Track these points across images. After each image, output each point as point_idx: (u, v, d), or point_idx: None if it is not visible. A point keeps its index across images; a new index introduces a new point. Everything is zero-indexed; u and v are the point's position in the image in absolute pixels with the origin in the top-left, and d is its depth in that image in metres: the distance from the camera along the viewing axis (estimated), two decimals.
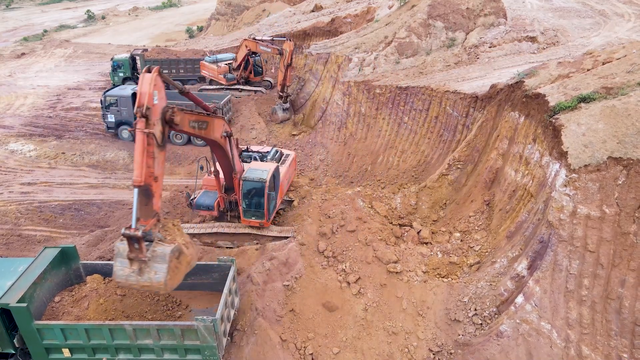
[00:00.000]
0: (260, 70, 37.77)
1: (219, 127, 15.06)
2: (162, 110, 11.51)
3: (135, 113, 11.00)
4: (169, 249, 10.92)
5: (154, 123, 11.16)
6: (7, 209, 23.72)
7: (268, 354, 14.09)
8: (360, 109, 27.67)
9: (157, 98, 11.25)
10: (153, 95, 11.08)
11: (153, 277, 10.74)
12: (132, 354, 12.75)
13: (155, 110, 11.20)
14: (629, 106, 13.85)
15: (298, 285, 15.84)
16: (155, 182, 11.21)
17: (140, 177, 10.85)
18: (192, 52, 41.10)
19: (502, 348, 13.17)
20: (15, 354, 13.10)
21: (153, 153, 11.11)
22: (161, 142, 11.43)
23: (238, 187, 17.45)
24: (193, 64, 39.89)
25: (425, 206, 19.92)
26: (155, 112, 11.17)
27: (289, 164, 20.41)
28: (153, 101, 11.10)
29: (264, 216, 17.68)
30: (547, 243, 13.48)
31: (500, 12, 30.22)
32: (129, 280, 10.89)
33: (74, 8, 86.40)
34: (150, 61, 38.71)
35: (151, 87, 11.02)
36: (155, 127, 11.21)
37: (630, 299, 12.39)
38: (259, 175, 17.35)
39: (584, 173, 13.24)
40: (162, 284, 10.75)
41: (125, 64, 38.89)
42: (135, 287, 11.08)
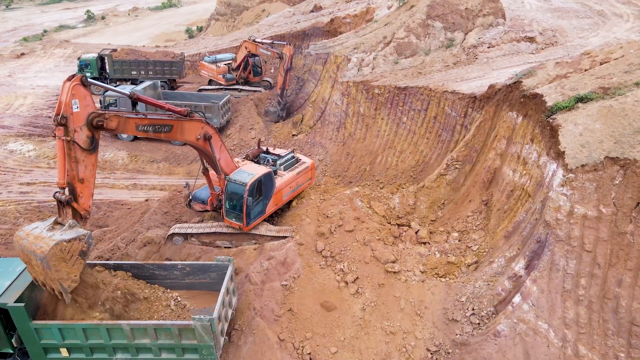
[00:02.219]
0: (259, 70, 37.82)
1: (192, 130, 15.13)
2: (88, 116, 11.98)
3: (53, 120, 11.65)
4: (78, 232, 11.64)
5: (74, 130, 11.75)
6: (6, 209, 23.75)
7: (266, 353, 14.11)
8: (359, 109, 27.70)
9: (79, 106, 11.78)
10: (71, 104, 11.61)
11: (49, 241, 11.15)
12: (130, 354, 12.77)
13: (76, 118, 11.76)
14: (626, 106, 13.88)
15: (296, 284, 15.86)
16: (80, 184, 12.02)
17: (62, 180, 11.83)
18: (162, 54, 40.54)
19: (500, 347, 13.19)
20: (13, 353, 13.13)
21: (76, 158, 11.85)
22: (88, 146, 12.08)
23: (223, 186, 17.50)
24: (162, 65, 39.18)
25: (424, 206, 19.94)
26: (75, 120, 11.75)
27: (297, 172, 19.68)
28: (71, 109, 11.63)
29: (242, 220, 17.37)
30: (544, 243, 13.51)
31: (499, 13, 30.25)
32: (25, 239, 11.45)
33: (73, 8, 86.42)
34: (119, 62, 38.61)
35: (68, 96, 11.56)
36: (78, 134, 11.84)
37: (627, 299, 12.41)
38: (242, 178, 17.12)
39: (581, 173, 13.26)
40: (46, 250, 11.04)
41: (92, 64, 38.83)
42: (24, 248, 11.42)
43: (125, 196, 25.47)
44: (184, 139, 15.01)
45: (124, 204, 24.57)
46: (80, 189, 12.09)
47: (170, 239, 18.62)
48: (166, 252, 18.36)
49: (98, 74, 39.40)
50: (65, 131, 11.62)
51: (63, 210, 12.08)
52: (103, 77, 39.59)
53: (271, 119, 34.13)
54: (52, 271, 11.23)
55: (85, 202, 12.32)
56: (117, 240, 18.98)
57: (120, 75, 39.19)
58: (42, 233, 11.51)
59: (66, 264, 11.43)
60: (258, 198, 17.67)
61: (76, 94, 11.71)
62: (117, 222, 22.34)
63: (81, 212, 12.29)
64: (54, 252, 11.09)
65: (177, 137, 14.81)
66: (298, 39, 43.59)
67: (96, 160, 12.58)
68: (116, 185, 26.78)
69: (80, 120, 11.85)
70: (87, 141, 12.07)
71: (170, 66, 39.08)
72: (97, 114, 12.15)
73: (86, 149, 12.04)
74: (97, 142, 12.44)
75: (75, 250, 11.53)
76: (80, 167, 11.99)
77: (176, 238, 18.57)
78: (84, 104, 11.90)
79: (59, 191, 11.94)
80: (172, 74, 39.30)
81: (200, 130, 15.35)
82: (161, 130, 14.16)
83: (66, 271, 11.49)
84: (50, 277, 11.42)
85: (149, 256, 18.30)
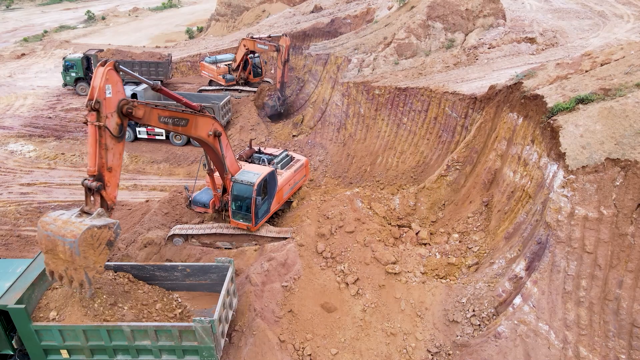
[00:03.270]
0: (259, 71, 37.76)
1: (204, 126, 15.19)
2: (118, 103, 11.88)
3: (86, 106, 11.45)
4: (107, 220, 11.37)
5: (106, 116, 11.59)
6: (7, 210, 23.74)
7: (266, 354, 14.10)
8: (359, 110, 27.70)
9: (110, 92, 11.63)
10: (105, 89, 11.47)
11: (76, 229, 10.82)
12: (131, 355, 12.77)
13: (108, 104, 11.62)
14: (626, 107, 13.87)
15: (297, 286, 15.86)
16: (108, 172, 11.84)
17: (93, 167, 11.61)
18: (148, 55, 40.31)
19: (500, 349, 13.18)
20: (13, 355, 13.12)
21: (106, 145, 11.66)
22: (117, 133, 11.93)
23: (229, 187, 17.50)
24: (149, 66, 38.93)
25: (424, 207, 19.94)
26: (107, 105, 11.60)
27: (294, 170, 20.01)
28: (105, 94, 11.48)
29: (251, 220, 17.52)
30: (544, 244, 13.50)
31: (499, 13, 30.25)
32: (52, 225, 11.03)
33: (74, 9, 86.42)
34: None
35: (102, 81, 11.40)
36: (109, 120, 11.68)
37: (628, 300, 12.41)
38: (248, 179, 17.24)
39: (581, 174, 13.25)
40: (78, 234, 10.71)
41: (77, 64, 38.66)
42: (52, 233, 10.95)
43: (125, 197, 25.46)
44: (197, 134, 15.04)
45: (125, 204, 24.56)
46: (108, 178, 11.91)
47: (170, 240, 18.63)
48: (167, 253, 18.37)
49: (84, 75, 39.18)
50: (97, 116, 11.45)
51: (91, 198, 11.89)
52: (89, 77, 39.44)
53: (269, 112, 33.92)
54: (81, 257, 10.85)
55: (112, 191, 12.16)
56: (117, 241, 18.96)
57: None
58: (71, 218, 11.23)
59: (94, 252, 11.09)
60: (264, 197, 17.82)
61: (110, 79, 11.57)
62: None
63: (108, 201, 12.10)
64: (85, 236, 10.75)
65: (192, 132, 14.82)
66: (298, 39, 43.58)
67: (123, 149, 12.40)
68: None
69: (111, 106, 11.72)
70: (116, 128, 11.92)
71: (156, 67, 38.77)
72: (127, 101, 12.08)
73: (116, 136, 11.89)
74: (125, 131, 12.33)
75: (104, 239, 11.24)
76: (109, 154, 11.82)
77: (176, 239, 18.57)
78: (115, 90, 11.78)
79: (87, 179, 11.73)
80: (158, 75, 38.93)
81: (211, 126, 15.46)
82: (179, 123, 14.20)
83: (93, 259, 11.12)
84: (77, 265, 10.98)
85: (149, 257, 18.30)
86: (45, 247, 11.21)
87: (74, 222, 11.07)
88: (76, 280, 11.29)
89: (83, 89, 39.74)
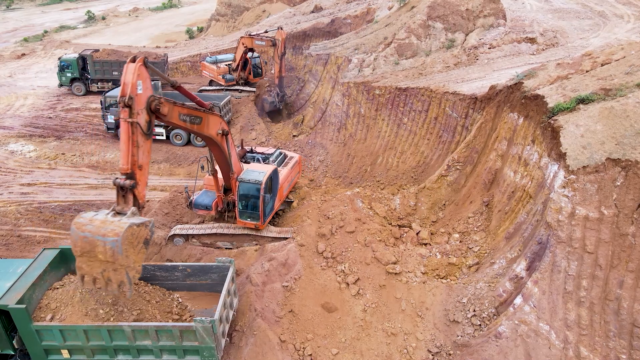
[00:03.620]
0: (259, 71, 37.66)
1: (215, 124, 15.17)
2: (147, 99, 11.73)
3: (119, 102, 11.28)
4: (143, 219, 11.14)
5: (137, 112, 11.41)
6: (7, 210, 23.74)
7: (267, 354, 14.10)
8: (359, 110, 27.70)
9: (141, 88, 11.46)
10: (137, 85, 11.30)
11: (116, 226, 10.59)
12: (131, 355, 12.77)
13: (139, 100, 11.45)
14: (627, 107, 13.87)
15: (297, 286, 15.86)
16: (139, 170, 11.55)
17: (126, 165, 11.28)
18: (145, 55, 40.69)
19: (501, 349, 13.18)
20: (14, 355, 13.13)
21: (137, 142, 11.44)
22: (146, 130, 11.74)
23: (235, 187, 17.48)
24: None
25: (425, 207, 19.94)
26: (138, 102, 11.43)
27: (291, 167, 20.28)
28: (136, 91, 11.31)
29: (259, 218, 17.60)
30: (545, 244, 13.50)
31: (500, 14, 30.25)
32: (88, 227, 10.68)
33: (74, 9, 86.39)
34: (100, 62, 38.52)
35: (134, 77, 11.23)
36: (140, 116, 11.48)
37: (629, 300, 12.41)
38: (255, 177, 17.29)
39: (582, 174, 13.25)
40: (120, 232, 10.46)
41: (73, 64, 38.68)
42: (91, 234, 10.62)
43: None
44: (209, 132, 15.01)
45: None
46: (139, 176, 11.63)
47: (171, 240, 18.63)
48: (167, 253, 18.37)
49: (79, 75, 39.19)
50: (129, 113, 11.29)
51: (124, 197, 11.55)
52: (85, 77, 39.37)
53: (267, 108, 33.80)
54: (123, 257, 10.57)
55: (142, 190, 11.88)
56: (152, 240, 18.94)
57: (101, 75, 39.07)
58: (108, 218, 10.96)
59: (133, 251, 10.83)
60: (270, 195, 18.02)
61: (141, 75, 11.42)
62: None
63: (140, 200, 11.79)
64: (127, 235, 10.49)
65: (204, 130, 14.77)
66: (299, 39, 43.59)
67: (151, 147, 12.21)
68: None
69: (142, 102, 11.57)
70: (145, 125, 11.75)
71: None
72: (155, 98, 11.91)
73: (145, 133, 11.72)
74: (152, 128, 12.21)
75: (142, 237, 11.02)
76: (140, 152, 11.60)
77: (177, 239, 18.58)
78: (145, 86, 11.64)
79: (119, 177, 11.44)
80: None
81: (220, 125, 15.51)
82: (194, 121, 14.09)
83: (133, 259, 10.88)
84: (117, 265, 10.69)
85: (149, 257, 18.30)
86: (80, 250, 10.80)
87: (112, 221, 10.82)
88: (115, 281, 10.94)
89: (79, 89, 39.71)
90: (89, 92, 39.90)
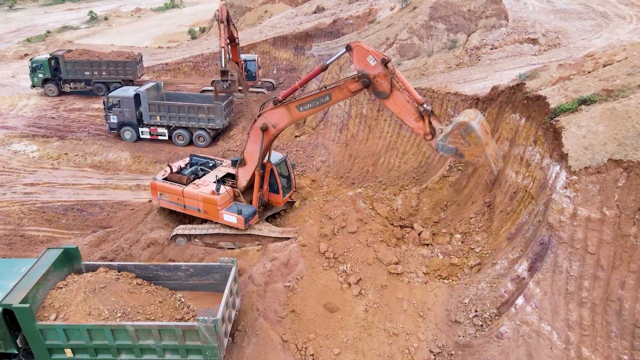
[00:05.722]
0: (253, 75, 37.04)
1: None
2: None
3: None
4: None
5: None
6: (10, 209, 23.84)
7: (269, 354, 14.16)
8: (361, 111, 27.73)
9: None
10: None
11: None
12: (134, 354, 12.83)
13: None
14: (629, 108, 13.88)
15: (299, 286, 15.91)
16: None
17: (420, 99, 14.44)
18: (116, 54, 40.16)
19: (503, 349, 13.21)
20: (18, 354, 13.20)
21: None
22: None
23: (268, 172, 18.49)
24: (115, 66, 38.74)
25: (426, 207, 19.96)
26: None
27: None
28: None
29: (292, 187, 20.33)
30: (547, 245, 13.52)
31: (502, 14, 30.24)
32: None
33: (76, 9, 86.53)
34: (71, 62, 38.31)
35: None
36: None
37: (631, 301, 12.42)
38: (278, 157, 19.42)
39: (584, 175, 13.27)
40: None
41: (44, 65, 38.43)
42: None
43: (128, 197, 25.55)
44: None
45: (128, 204, 24.64)
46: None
47: (173, 240, 18.70)
48: (170, 253, 18.44)
49: (52, 75, 38.98)
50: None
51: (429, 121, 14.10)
52: (58, 78, 39.16)
53: (217, 88, 31.89)
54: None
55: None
56: (120, 241, 19.06)
57: (73, 76, 38.84)
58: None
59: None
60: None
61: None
62: (120, 223, 22.42)
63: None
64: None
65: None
66: (301, 40, 43.65)
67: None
68: (119, 186, 26.87)
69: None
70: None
71: (123, 66, 38.59)
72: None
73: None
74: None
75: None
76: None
77: (180, 239, 18.65)
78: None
79: (421, 106, 14.08)
80: (126, 75, 38.77)
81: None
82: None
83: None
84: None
85: (152, 257, 18.38)
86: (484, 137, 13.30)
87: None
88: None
89: (51, 90, 39.50)
90: (62, 92, 39.59)
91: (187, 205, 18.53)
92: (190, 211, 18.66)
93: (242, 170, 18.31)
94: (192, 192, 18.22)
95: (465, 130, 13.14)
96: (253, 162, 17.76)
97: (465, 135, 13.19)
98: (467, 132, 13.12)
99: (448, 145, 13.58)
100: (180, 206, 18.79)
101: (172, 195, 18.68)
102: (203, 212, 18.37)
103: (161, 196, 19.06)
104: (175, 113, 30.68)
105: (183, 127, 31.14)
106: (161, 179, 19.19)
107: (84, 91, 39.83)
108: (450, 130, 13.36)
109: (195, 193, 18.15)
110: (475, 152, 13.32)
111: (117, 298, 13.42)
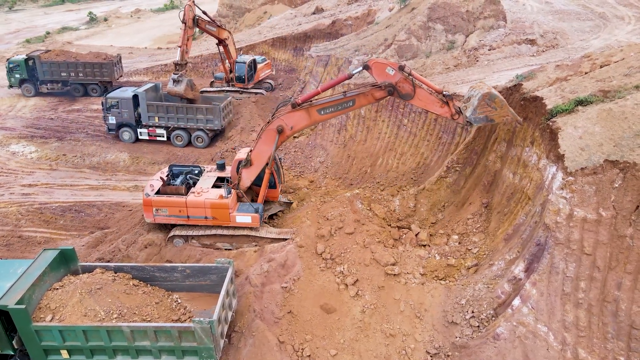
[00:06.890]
0: (242, 77, 36.66)
1: None
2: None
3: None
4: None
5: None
6: (8, 210, 23.84)
7: (266, 355, 14.15)
8: (360, 111, 27.73)
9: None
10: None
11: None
12: (130, 356, 12.83)
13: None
14: (625, 109, 13.88)
15: (296, 287, 15.90)
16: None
17: (438, 87, 16.75)
18: (93, 55, 39.82)
19: (499, 350, 13.20)
20: (14, 355, 13.20)
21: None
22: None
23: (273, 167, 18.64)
24: (92, 67, 38.34)
25: (424, 208, 19.96)
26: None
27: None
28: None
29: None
30: (544, 246, 13.51)
31: (500, 15, 30.26)
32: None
33: (76, 10, 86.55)
34: (47, 63, 37.92)
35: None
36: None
37: (627, 302, 12.41)
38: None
39: (580, 176, 13.27)
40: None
41: (21, 65, 38.13)
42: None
43: (126, 198, 25.55)
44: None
45: (125, 205, 24.65)
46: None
47: (170, 241, 18.69)
48: (167, 254, 18.42)
49: (28, 76, 38.65)
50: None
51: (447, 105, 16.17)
52: (35, 78, 38.82)
53: (168, 85, 30.92)
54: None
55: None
56: (118, 242, 19.06)
57: (50, 77, 38.43)
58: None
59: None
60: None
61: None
62: (118, 224, 22.42)
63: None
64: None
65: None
66: (299, 41, 43.69)
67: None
68: (117, 187, 26.87)
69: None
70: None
71: (100, 68, 38.29)
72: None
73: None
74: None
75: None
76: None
77: (177, 240, 18.63)
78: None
79: (443, 95, 16.06)
80: (102, 76, 38.46)
81: None
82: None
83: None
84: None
85: (149, 258, 18.37)
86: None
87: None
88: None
89: (28, 90, 39.17)
90: (39, 93, 39.28)
91: (191, 215, 18.03)
92: (195, 221, 18.16)
93: (246, 171, 18.17)
94: (197, 200, 17.78)
95: (489, 99, 15.43)
96: (260, 162, 17.83)
97: (491, 103, 15.46)
98: (492, 99, 15.43)
99: (479, 115, 15.65)
100: (182, 218, 18.20)
101: (173, 208, 18.07)
102: (211, 219, 17.98)
103: (157, 212, 18.23)
104: (173, 114, 30.66)
105: (182, 128, 31.12)
106: (153, 193, 18.32)
107: (62, 92, 39.38)
108: (478, 103, 15.48)
109: (201, 201, 17.74)
110: (503, 113, 15.71)
111: (113, 299, 13.42)
